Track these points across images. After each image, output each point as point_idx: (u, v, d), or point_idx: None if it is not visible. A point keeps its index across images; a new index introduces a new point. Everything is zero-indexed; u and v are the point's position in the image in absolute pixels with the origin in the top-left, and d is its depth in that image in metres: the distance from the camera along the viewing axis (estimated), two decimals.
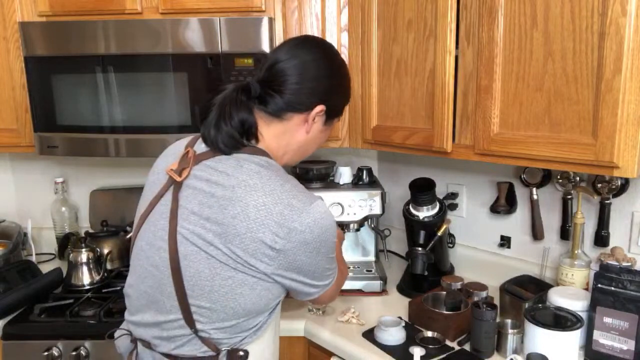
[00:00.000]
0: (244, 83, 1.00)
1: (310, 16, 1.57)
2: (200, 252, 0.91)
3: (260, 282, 0.92)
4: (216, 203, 0.90)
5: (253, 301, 0.93)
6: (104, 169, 2.07)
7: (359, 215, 1.58)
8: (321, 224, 0.91)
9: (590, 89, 1.03)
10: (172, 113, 1.55)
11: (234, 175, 0.92)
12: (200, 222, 0.91)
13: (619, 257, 1.28)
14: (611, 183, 1.33)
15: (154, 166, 1.09)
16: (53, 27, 1.54)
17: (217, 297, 0.92)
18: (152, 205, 1.00)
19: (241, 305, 0.93)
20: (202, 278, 0.91)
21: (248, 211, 0.88)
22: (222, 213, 0.89)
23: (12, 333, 1.45)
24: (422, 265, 1.51)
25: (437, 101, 1.32)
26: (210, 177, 0.93)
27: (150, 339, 0.99)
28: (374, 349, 1.27)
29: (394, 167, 1.94)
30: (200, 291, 0.92)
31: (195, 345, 0.96)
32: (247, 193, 0.90)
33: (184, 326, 0.95)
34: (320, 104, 1.01)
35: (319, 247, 0.92)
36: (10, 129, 1.69)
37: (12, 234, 1.85)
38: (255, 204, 0.89)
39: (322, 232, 0.92)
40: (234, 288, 0.91)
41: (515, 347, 1.21)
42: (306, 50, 1.01)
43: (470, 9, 1.23)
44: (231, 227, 0.88)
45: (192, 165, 0.96)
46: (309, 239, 0.90)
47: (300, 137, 1.04)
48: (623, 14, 0.96)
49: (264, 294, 0.94)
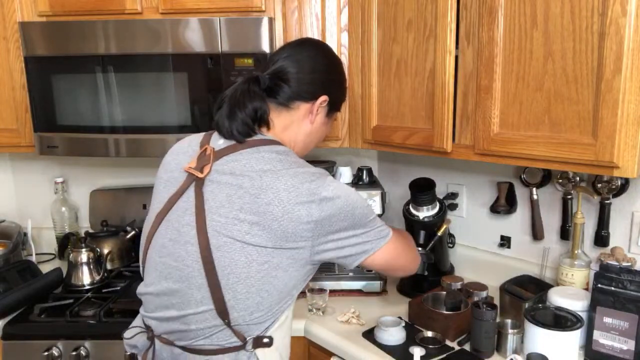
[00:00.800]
0: (254, 75, 1.07)
1: (310, 16, 1.57)
2: (235, 242, 0.95)
3: (294, 264, 0.98)
4: (246, 193, 0.95)
5: (285, 282, 0.99)
6: (104, 169, 2.07)
7: None
8: (343, 187, 1.00)
9: (590, 89, 1.03)
10: (172, 113, 1.55)
11: (257, 166, 0.98)
12: (233, 213, 0.95)
13: (619, 257, 1.28)
14: (611, 183, 1.33)
15: (165, 165, 1.12)
16: (53, 27, 1.54)
17: (253, 282, 0.96)
18: (172, 203, 1.03)
19: (275, 287, 0.98)
20: (238, 266, 0.95)
21: (280, 195, 0.94)
22: (256, 202, 0.94)
23: (12, 333, 1.45)
24: (422, 265, 1.51)
25: (437, 101, 1.32)
26: (234, 170, 0.98)
27: (170, 331, 1.02)
28: (374, 349, 1.27)
29: (394, 167, 1.94)
30: (236, 279, 0.95)
31: (225, 335, 0.99)
32: (275, 179, 0.96)
33: (215, 317, 0.98)
34: (324, 95, 1.10)
35: (353, 209, 0.98)
36: (10, 129, 1.69)
37: (12, 234, 1.85)
38: (286, 187, 0.95)
39: (348, 195, 0.98)
40: (269, 271, 0.96)
41: (515, 347, 1.21)
42: (303, 48, 1.11)
43: (470, 9, 1.23)
44: (268, 214, 0.94)
45: (213, 161, 1.01)
46: (340, 204, 0.97)
47: (306, 127, 1.11)
48: (623, 14, 0.95)
49: (294, 275, 0.99)
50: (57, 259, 1.98)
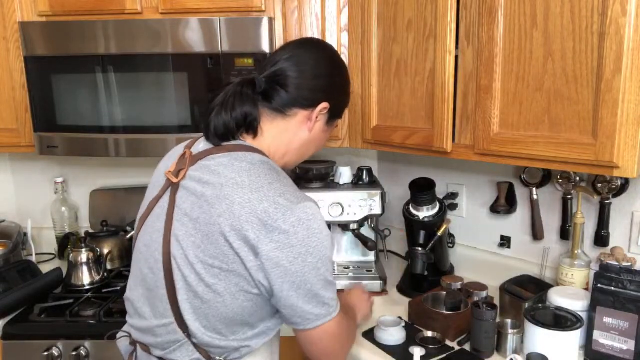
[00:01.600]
0: (249, 77, 1.00)
1: (310, 16, 1.57)
2: (188, 256, 0.90)
3: (243, 292, 0.89)
4: (205, 203, 0.89)
5: (235, 311, 0.91)
6: (104, 169, 2.07)
7: (359, 215, 1.58)
8: (307, 225, 0.86)
9: (590, 89, 1.03)
10: (172, 113, 1.55)
11: (224, 174, 0.91)
12: (191, 223, 0.90)
13: (619, 257, 1.28)
14: (611, 183, 1.33)
15: (157, 169, 1.09)
16: (53, 27, 1.54)
17: (199, 303, 0.90)
18: (150, 208, 1.01)
19: (222, 315, 0.91)
20: (188, 282, 0.90)
21: (233, 208, 0.86)
22: (209, 213, 0.88)
23: (12, 333, 1.45)
24: (422, 265, 1.51)
25: (437, 101, 1.32)
26: (203, 176, 0.93)
27: (145, 342, 1.00)
28: (374, 349, 1.27)
29: (394, 167, 1.94)
30: (186, 296, 0.91)
31: (188, 351, 0.94)
32: (234, 191, 0.88)
33: (176, 330, 0.93)
34: (325, 102, 1.02)
35: (305, 255, 0.86)
36: (10, 129, 1.69)
37: (12, 234, 1.85)
38: (241, 201, 0.86)
39: (309, 236, 0.86)
40: (215, 296, 0.89)
41: (515, 347, 1.21)
42: (306, 50, 1.03)
43: (470, 9, 1.23)
44: (216, 226, 0.87)
45: (189, 165, 0.96)
46: (294, 242, 0.85)
47: (303, 135, 1.04)
48: (623, 14, 0.95)
49: (247, 305, 0.91)
50: (57, 259, 1.98)
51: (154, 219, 0.98)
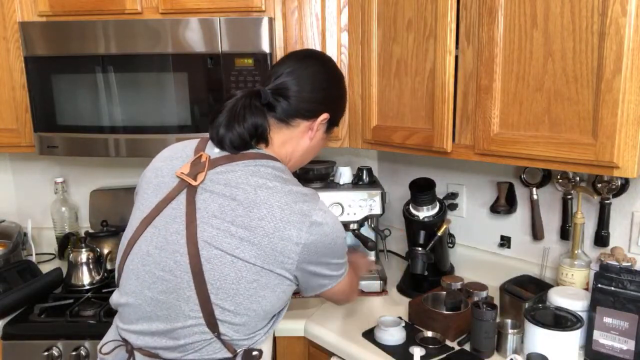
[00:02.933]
0: (255, 89, 1.04)
1: (310, 16, 1.57)
2: (225, 256, 0.92)
3: (281, 284, 0.97)
4: (239, 206, 0.94)
5: (272, 303, 0.98)
6: (104, 169, 2.07)
7: (359, 215, 1.58)
8: (331, 215, 0.99)
9: (590, 89, 1.03)
10: (172, 113, 1.55)
11: (253, 179, 0.96)
12: (224, 225, 0.93)
13: (619, 257, 1.28)
14: (611, 183, 1.33)
15: (155, 169, 1.07)
16: (53, 27, 1.54)
17: (241, 300, 0.94)
18: (159, 210, 0.99)
19: (262, 308, 0.97)
20: (227, 281, 0.93)
21: (274, 211, 0.93)
22: (248, 216, 0.93)
23: (12, 333, 1.45)
24: (422, 265, 1.51)
25: (437, 101, 1.32)
26: (229, 181, 0.96)
27: (157, 346, 0.98)
28: (374, 349, 1.27)
29: (394, 167, 1.94)
30: (225, 294, 0.93)
31: (215, 348, 0.96)
32: (270, 195, 0.94)
33: (204, 331, 0.95)
34: (326, 112, 1.08)
35: (336, 239, 0.99)
36: (10, 129, 1.69)
37: (12, 234, 1.85)
38: (279, 204, 0.94)
39: (334, 223, 0.99)
40: (257, 291, 0.94)
41: (515, 347, 1.21)
42: (309, 63, 1.07)
43: (470, 9, 1.24)
44: (259, 229, 0.92)
45: (208, 169, 0.98)
46: (327, 231, 0.97)
47: (305, 144, 1.10)
48: (623, 14, 0.95)
49: (281, 296, 0.99)
50: (57, 259, 1.98)
51: (168, 221, 0.97)
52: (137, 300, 0.99)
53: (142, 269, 0.98)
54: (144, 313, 0.98)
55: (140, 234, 1.00)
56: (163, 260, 0.95)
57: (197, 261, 0.92)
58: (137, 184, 1.12)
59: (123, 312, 1.03)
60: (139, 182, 1.11)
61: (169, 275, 0.95)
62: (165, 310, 0.96)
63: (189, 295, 0.93)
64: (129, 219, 1.07)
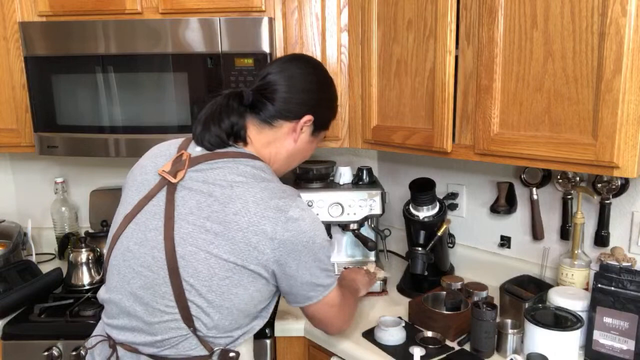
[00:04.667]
0: (236, 90, 1.07)
1: (310, 16, 1.57)
2: (199, 252, 0.94)
3: (255, 282, 0.97)
4: (215, 202, 0.95)
5: (246, 301, 0.98)
6: (104, 169, 2.07)
7: (359, 215, 1.58)
8: (309, 213, 0.99)
9: (590, 89, 1.03)
10: (172, 113, 1.55)
11: (230, 176, 0.97)
12: (200, 221, 0.94)
13: (619, 257, 1.28)
14: (611, 183, 1.33)
15: (141, 167, 1.09)
16: (53, 27, 1.54)
17: (213, 297, 0.95)
18: (141, 206, 1.01)
19: (235, 306, 0.97)
20: (200, 278, 0.94)
21: (248, 206, 0.94)
22: (223, 211, 0.94)
23: (12, 333, 1.45)
24: (422, 265, 1.51)
25: (437, 101, 1.32)
26: (207, 178, 0.98)
27: (136, 341, 0.99)
28: (374, 349, 1.27)
29: (394, 167, 1.94)
30: (198, 291, 0.94)
31: (191, 344, 0.97)
32: (245, 191, 0.96)
33: (180, 326, 0.96)
34: (309, 114, 1.09)
35: (314, 237, 0.98)
36: (10, 129, 1.69)
37: (12, 234, 1.85)
38: (254, 199, 0.95)
39: (313, 221, 0.98)
40: (230, 288, 0.95)
41: (515, 347, 1.21)
42: (295, 65, 1.09)
43: (470, 9, 1.24)
44: (233, 224, 0.93)
45: (188, 167, 1.00)
46: (304, 228, 0.96)
47: (289, 145, 1.10)
48: (623, 14, 0.96)
49: (255, 295, 0.98)
50: (57, 259, 1.98)
51: (148, 217, 0.99)
52: (119, 295, 1.00)
53: (123, 264, 1.00)
54: (124, 308, 1.00)
55: (123, 231, 1.02)
56: (142, 256, 0.97)
57: (172, 257, 0.94)
58: (125, 180, 1.13)
59: (107, 307, 1.05)
60: (127, 178, 1.12)
61: (147, 271, 0.96)
62: (144, 305, 0.97)
63: (165, 290, 0.95)
64: (114, 215, 1.08)
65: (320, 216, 1.57)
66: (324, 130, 1.18)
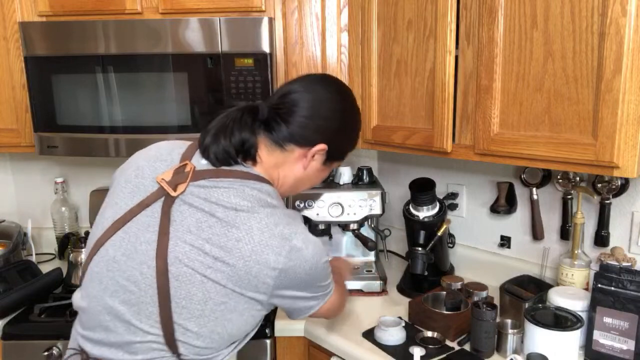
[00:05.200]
0: (252, 105, 1.00)
1: (310, 16, 1.57)
2: (195, 275, 0.88)
3: (250, 309, 0.93)
4: (217, 224, 0.89)
5: (238, 327, 0.94)
6: (104, 169, 2.07)
7: (359, 215, 1.58)
8: (313, 240, 0.95)
9: (590, 89, 1.03)
10: (172, 113, 1.55)
11: (236, 199, 0.91)
12: (199, 242, 0.89)
13: (619, 257, 1.28)
14: (611, 183, 1.33)
15: (137, 168, 1.00)
16: (53, 27, 1.54)
17: (205, 321, 0.90)
18: (133, 214, 0.94)
19: (227, 331, 0.93)
20: (193, 301, 0.88)
21: (252, 233, 0.89)
22: (226, 236, 0.89)
23: (12, 333, 1.45)
24: (422, 265, 1.51)
25: (437, 101, 1.32)
26: (210, 196, 0.91)
27: (113, 358, 0.93)
28: (374, 349, 1.27)
29: (394, 167, 1.94)
30: (189, 315, 0.89)
31: None
32: (250, 216, 0.90)
33: (163, 348, 0.91)
34: (323, 143, 1.01)
35: (316, 264, 0.95)
36: (10, 129, 1.69)
37: (12, 234, 1.85)
38: (259, 226, 0.90)
39: (315, 247, 0.94)
40: (224, 314, 0.91)
41: (515, 347, 1.21)
42: (323, 88, 1.02)
43: (470, 9, 1.23)
44: (235, 250, 0.88)
45: (190, 180, 0.93)
46: (307, 256, 0.93)
47: (298, 171, 1.04)
48: (623, 14, 0.95)
49: (249, 321, 0.96)
50: (57, 259, 1.98)
51: (140, 229, 0.92)
52: (98, 306, 0.93)
53: (106, 274, 0.93)
54: (102, 321, 0.93)
55: (110, 237, 0.94)
56: (129, 269, 0.90)
57: (164, 277, 0.88)
58: (113, 176, 1.05)
59: (82, 315, 0.98)
60: (116, 174, 1.04)
61: (133, 287, 0.90)
62: (125, 322, 0.91)
63: (151, 311, 0.89)
64: (99, 213, 1.01)
65: (320, 216, 1.58)
66: (339, 161, 1.11)
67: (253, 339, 1.38)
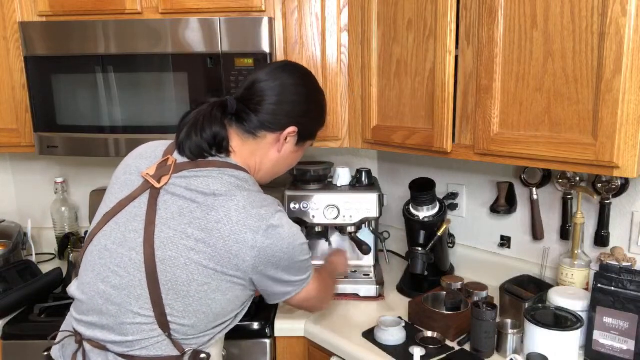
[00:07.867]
0: (221, 100, 1.06)
1: (310, 16, 1.57)
2: (179, 258, 0.94)
3: (233, 289, 0.98)
4: (198, 208, 0.95)
5: (223, 306, 0.99)
6: (104, 169, 2.07)
7: (355, 218, 1.57)
8: (287, 220, 1.00)
9: (590, 89, 1.03)
10: (172, 113, 1.55)
11: (214, 185, 0.98)
12: (181, 227, 0.95)
13: (619, 257, 1.28)
14: (611, 183, 1.33)
15: (126, 166, 1.09)
16: (53, 27, 1.54)
17: (191, 301, 0.95)
18: (122, 206, 1.01)
19: (212, 310, 0.98)
20: (178, 283, 0.94)
21: (230, 214, 0.94)
22: (206, 218, 0.94)
23: (12, 333, 1.45)
24: (422, 265, 1.51)
25: (437, 101, 1.32)
26: (191, 185, 0.98)
27: (105, 339, 0.98)
28: (374, 349, 1.27)
29: (394, 167, 1.94)
30: (175, 296, 0.95)
31: (163, 346, 0.97)
32: (228, 199, 0.96)
33: (154, 329, 0.96)
34: (293, 126, 1.08)
35: (293, 242, 0.99)
36: (10, 129, 1.69)
37: (12, 234, 1.85)
38: (237, 208, 0.95)
39: (291, 227, 1.00)
40: (208, 294, 0.96)
41: (515, 347, 1.21)
42: (287, 74, 1.08)
43: (470, 9, 1.24)
44: (215, 231, 0.94)
45: (172, 173, 1.00)
46: (284, 234, 0.98)
47: (273, 155, 1.10)
48: (623, 14, 0.96)
49: (233, 300, 1.00)
50: (57, 259, 1.98)
51: (128, 218, 0.99)
52: (91, 292, 1.00)
53: (98, 262, 1.00)
54: (95, 305, 0.99)
55: (101, 228, 1.02)
56: (119, 256, 0.97)
57: (151, 261, 0.94)
58: None
59: (77, 302, 1.04)
60: (112, 175, 1.12)
61: (123, 272, 0.96)
62: (116, 305, 0.96)
63: (140, 293, 0.95)
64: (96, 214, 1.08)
65: (316, 219, 1.57)
66: (310, 140, 1.17)
67: (253, 339, 1.39)
